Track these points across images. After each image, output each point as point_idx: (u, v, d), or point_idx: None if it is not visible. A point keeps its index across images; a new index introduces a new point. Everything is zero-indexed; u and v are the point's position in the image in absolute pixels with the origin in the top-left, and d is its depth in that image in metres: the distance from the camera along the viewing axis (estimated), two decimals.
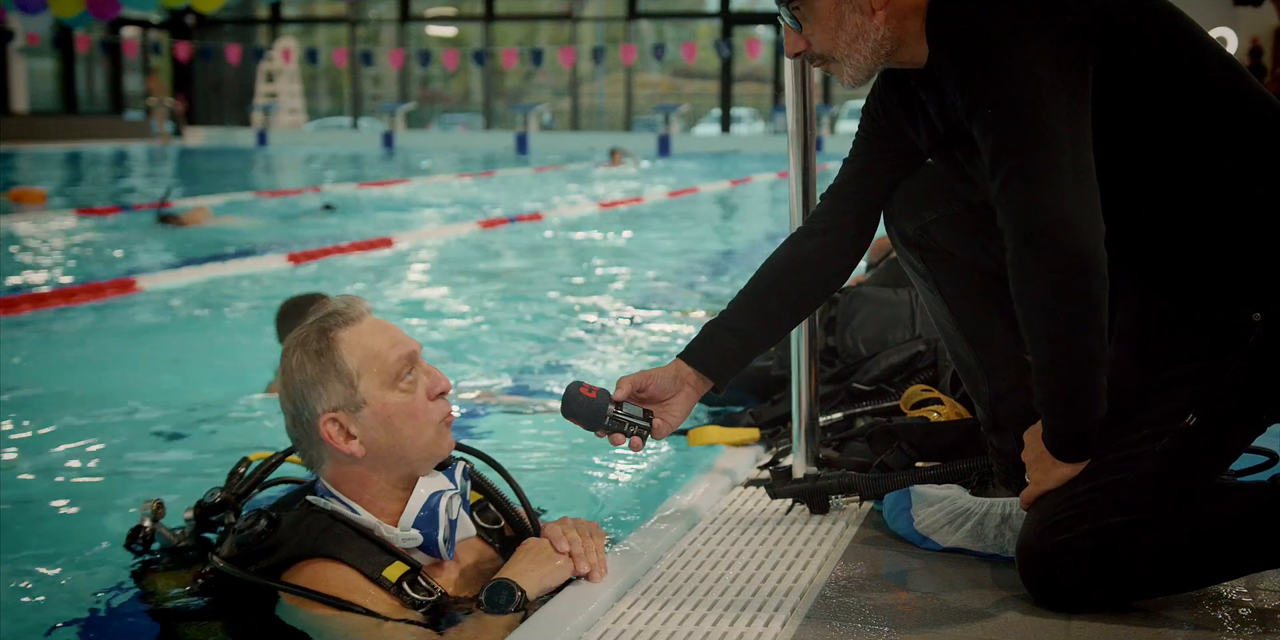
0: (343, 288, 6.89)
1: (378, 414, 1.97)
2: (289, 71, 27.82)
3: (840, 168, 2.41)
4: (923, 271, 2.40)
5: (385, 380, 1.98)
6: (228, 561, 1.99)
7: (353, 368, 1.97)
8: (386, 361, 1.98)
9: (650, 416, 2.28)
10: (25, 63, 25.99)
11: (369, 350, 1.98)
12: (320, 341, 1.98)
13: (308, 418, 1.98)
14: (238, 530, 2.00)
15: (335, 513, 2.00)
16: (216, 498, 2.23)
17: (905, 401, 2.90)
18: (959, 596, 2.10)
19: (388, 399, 1.98)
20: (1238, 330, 1.97)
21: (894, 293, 3.73)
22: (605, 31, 29.02)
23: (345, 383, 1.96)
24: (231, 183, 15.46)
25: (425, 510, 2.01)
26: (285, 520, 1.99)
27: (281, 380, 2.01)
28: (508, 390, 4.49)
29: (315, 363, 1.97)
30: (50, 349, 5.34)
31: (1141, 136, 1.97)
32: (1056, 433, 1.99)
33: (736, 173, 17.16)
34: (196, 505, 2.26)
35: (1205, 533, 1.99)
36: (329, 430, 1.97)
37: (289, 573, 1.96)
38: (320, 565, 1.94)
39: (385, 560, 1.96)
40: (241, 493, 2.24)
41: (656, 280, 7.59)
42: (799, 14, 2.13)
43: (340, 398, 1.96)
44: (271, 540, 1.97)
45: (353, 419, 1.97)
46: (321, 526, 1.97)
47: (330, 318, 2.01)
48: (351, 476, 2.02)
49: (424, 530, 2.01)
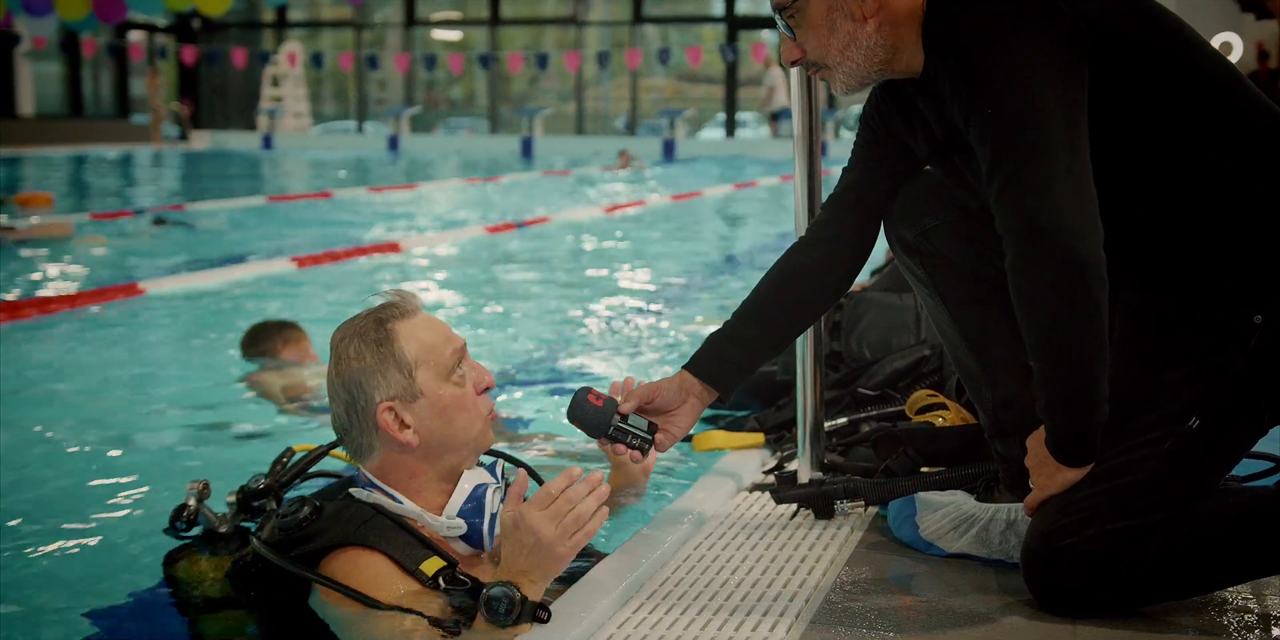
0: (351, 293, 6.90)
1: (433, 405, 2.03)
2: (294, 75, 27.83)
3: (840, 176, 2.42)
4: (923, 278, 2.41)
5: (440, 373, 2.04)
6: (267, 546, 2.02)
7: (410, 359, 2.02)
8: (442, 355, 2.05)
9: (654, 430, 2.28)
10: (31, 66, 26.03)
11: (425, 343, 2.05)
12: (379, 332, 2.04)
13: (364, 405, 2.02)
14: (281, 515, 2.03)
15: (378, 505, 2.04)
16: (260, 484, 2.30)
17: (910, 406, 2.90)
18: (964, 601, 2.10)
19: (442, 391, 2.04)
20: (1239, 331, 1.97)
21: (899, 297, 3.73)
22: (610, 36, 29.03)
23: (404, 373, 2.02)
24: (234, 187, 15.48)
25: (471, 501, 2.06)
26: (328, 509, 2.03)
27: (335, 369, 2.05)
28: (516, 387, 4.51)
29: (374, 352, 2.02)
30: (54, 352, 5.36)
31: (1141, 137, 1.97)
32: (1059, 437, 1.99)
33: (741, 177, 17.18)
34: (240, 490, 2.31)
35: (1210, 538, 1.99)
36: (385, 419, 2.01)
37: (327, 559, 1.99)
38: (358, 553, 1.98)
39: (424, 554, 1.99)
40: (285, 481, 2.30)
41: (662, 284, 7.60)
42: (792, 21, 2.14)
43: (398, 387, 2.02)
44: (313, 527, 2.00)
45: (408, 408, 2.02)
46: (364, 517, 2.01)
47: (386, 309, 2.07)
48: (401, 466, 2.06)
49: (469, 519, 2.05)
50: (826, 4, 2.10)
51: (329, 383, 2.07)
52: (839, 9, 2.09)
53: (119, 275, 7.43)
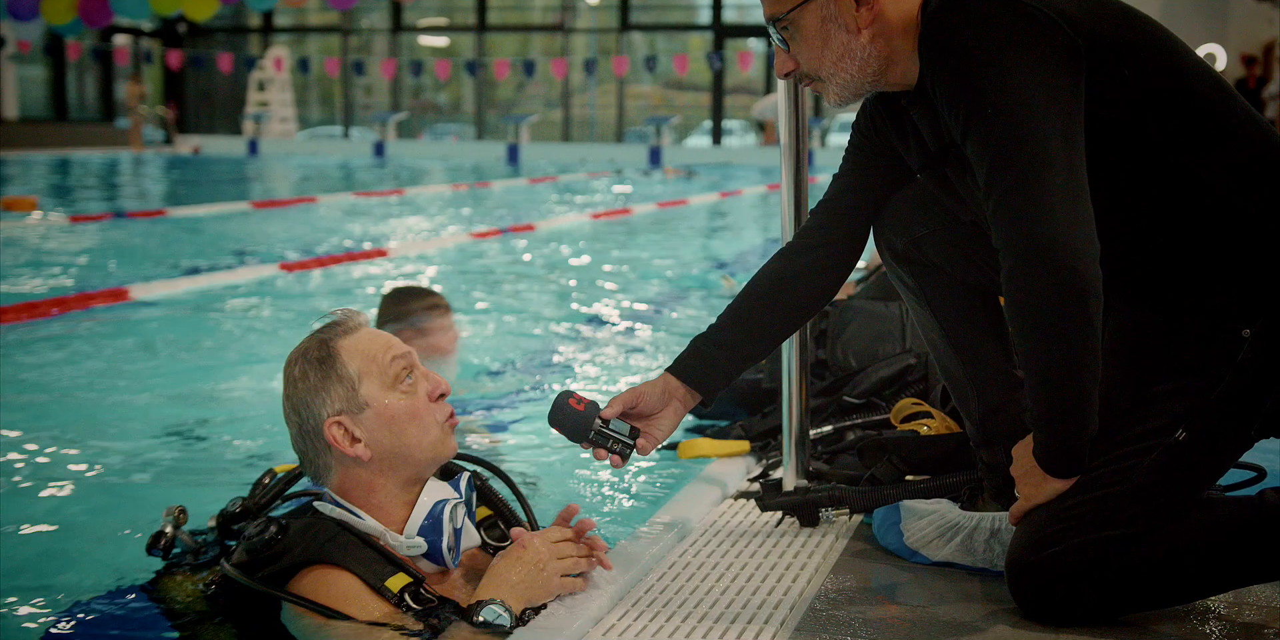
0: (338, 297, 6.90)
1: (380, 415, 2.02)
2: (280, 80, 27.79)
3: (830, 183, 2.42)
4: (913, 287, 2.41)
5: (385, 382, 2.03)
6: (237, 567, 2.01)
7: (353, 372, 2.03)
8: (383, 363, 2.04)
9: (636, 435, 2.27)
10: (16, 70, 25.96)
11: (366, 354, 2.04)
12: (321, 350, 2.04)
13: (313, 425, 2.02)
14: (248, 537, 2.02)
15: (342, 520, 2.03)
16: (238, 507, 2.29)
17: (895, 415, 2.91)
18: (948, 610, 2.11)
19: (389, 400, 2.03)
20: (1227, 346, 1.98)
21: (885, 306, 3.74)
22: (598, 43, 29.08)
23: (347, 386, 2.02)
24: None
25: (429, 519, 2.04)
26: (294, 527, 2.02)
27: (285, 392, 2.06)
28: (492, 398, 4.50)
29: (317, 370, 2.03)
30: (44, 357, 5.33)
31: (1134, 153, 1.98)
32: (1049, 448, 2.00)
33: (727, 185, 17.20)
34: (219, 514, 2.31)
35: (1193, 547, 2.00)
36: (334, 434, 2.01)
37: (295, 579, 1.98)
38: (324, 572, 1.96)
39: (389, 571, 1.98)
40: (263, 503, 2.29)
41: (648, 290, 7.60)
42: (786, 33, 2.13)
43: (342, 401, 2.01)
44: (280, 546, 1.99)
45: (356, 422, 2.02)
46: (328, 534, 2.00)
47: (329, 329, 2.08)
48: (359, 482, 2.05)
49: (428, 538, 2.04)
50: (820, 15, 2.09)
51: (283, 407, 2.08)
52: (833, 20, 2.09)
53: (107, 280, 7.40)
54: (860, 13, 2.07)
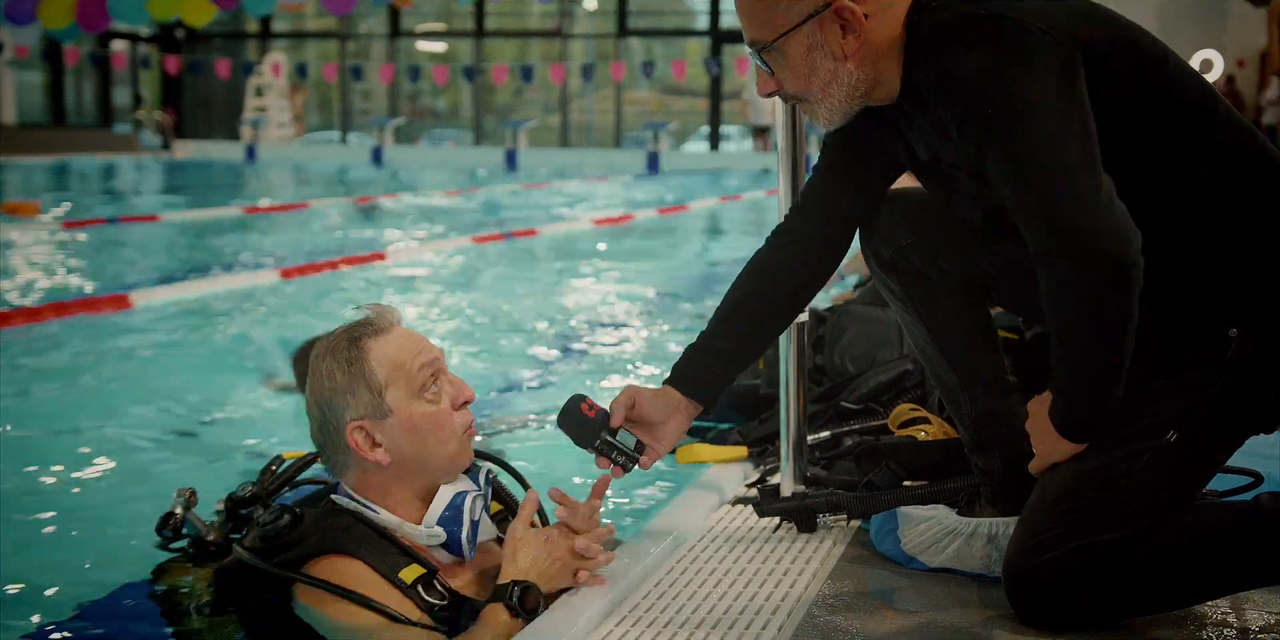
0: (336, 303, 6.90)
1: (404, 423, 2.01)
2: (278, 86, 27.77)
3: (808, 179, 2.42)
4: (900, 295, 2.41)
5: (411, 390, 2.02)
6: (251, 553, 2.01)
7: (381, 378, 2.01)
8: (411, 371, 2.02)
9: (641, 449, 2.28)
10: (14, 75, 25.94)
11: (396, 361, 2.02)
12: (350, 350, 2.02)
13: (335, 425, 2.02)
14: (262, 524, 2.02)
15: (357, 513, 2.04)
16: (248, 492, 2.28)
17: (893, 420, 2.91)
18: (945, 615, 2.11)
19: (414, 408, 2.02)
20: (1218, 346, 2.00)
21: (882, 311, 3.74)
22: (595, 48, 29.08)
23: (373, 392, 2.00)
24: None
25: (450, 509, 2.05)
26: (308, 517, 2.02)
27: (310, 386, 2.04)
28: (498, 404, 4.50)
29: (344, 371, 2.01)
30: (45, 361, 5.34)
31: (1133, 154, 1.99)
32: (1069, 413, 2.02)
33: (725, 190, 17.20)
34: (228, 498, 2.30)
35: (1190, 552, 2.00)
36: (355, 438, 2.01)
37: (307, 568, 1.98)
38: (337, 561, 1.97)
39: (403, 562, 1.99)
40: (273, 489, 2.29)
41: (649, 295, 7.60)
42: (769, 57, 2.11)
43: (367, 407, 2.00)
44: (294, 535, 1.99)
45: (379, 427, 2.01)
46: (343, 525, 2.01)
47: (360, 327, 2.05)
48: (374, 484, 2.05)
49: (448, 528, 2.04)
50: (806, 44, 2.06)
51: (306, 401, 2.07)
52: (819, 48, 2.06)
53: (109, 286, 7.41)
54: (847, 40, 2.05)
